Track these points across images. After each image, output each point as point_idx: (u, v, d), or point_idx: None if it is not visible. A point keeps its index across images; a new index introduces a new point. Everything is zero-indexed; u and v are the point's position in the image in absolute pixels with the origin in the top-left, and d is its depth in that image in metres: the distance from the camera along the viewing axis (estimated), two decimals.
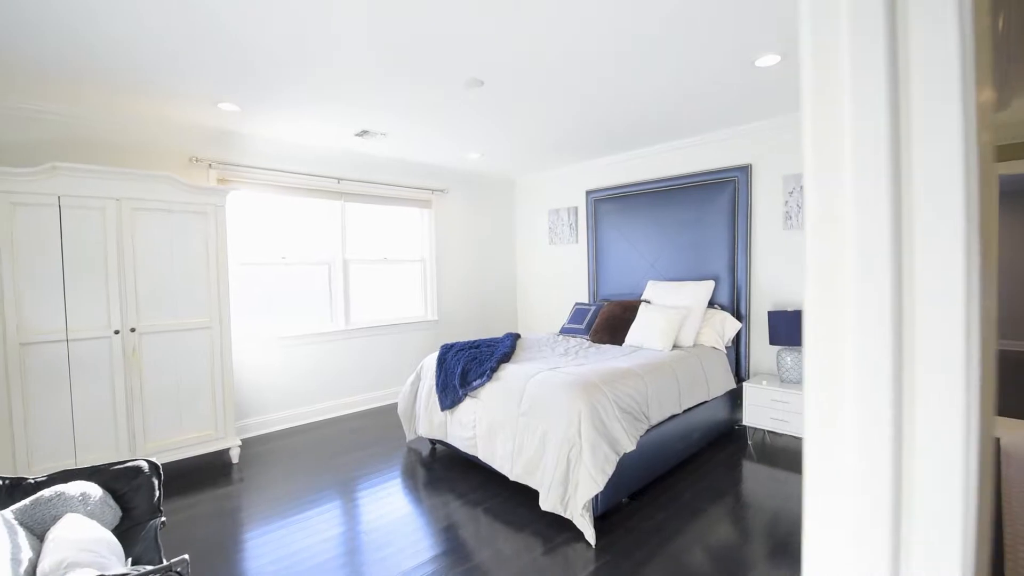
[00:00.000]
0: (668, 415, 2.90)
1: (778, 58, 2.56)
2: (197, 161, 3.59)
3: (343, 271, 4.44)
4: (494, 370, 2.92)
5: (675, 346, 3.58)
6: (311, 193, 4.19)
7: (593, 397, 2.45)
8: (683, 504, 2.63)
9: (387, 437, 3.78)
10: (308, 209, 4.26)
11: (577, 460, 2.33)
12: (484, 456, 2.84)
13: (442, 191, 5.12)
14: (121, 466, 1.76)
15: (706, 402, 3.30)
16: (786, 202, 3.62)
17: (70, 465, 2.75)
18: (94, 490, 1.60)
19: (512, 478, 2.65)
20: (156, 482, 1.78)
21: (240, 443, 3.32)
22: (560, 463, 2.37)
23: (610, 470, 2.30)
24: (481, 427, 2.85)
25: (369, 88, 2.88)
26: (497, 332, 5.75)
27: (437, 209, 5.13)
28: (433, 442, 3.50)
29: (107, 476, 1.71)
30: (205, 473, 3.16)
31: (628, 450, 2.44)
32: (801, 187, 3.53)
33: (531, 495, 2.70)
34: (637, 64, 2.60)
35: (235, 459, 3.32)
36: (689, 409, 3.12)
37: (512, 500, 2.70)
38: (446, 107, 3.22)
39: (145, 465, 1.79)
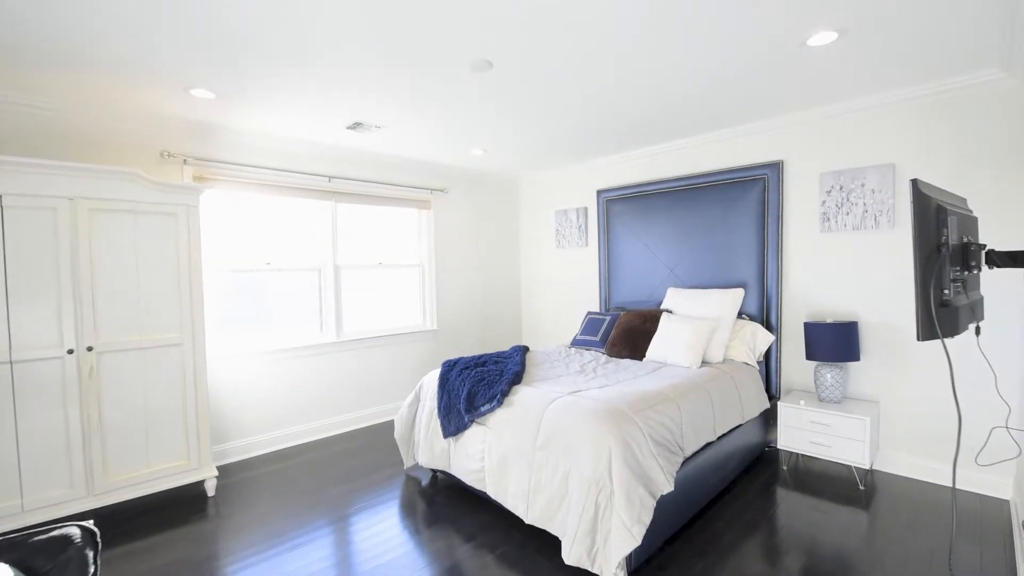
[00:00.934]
0: (703, 444, 2.55)
1: (835, 35, 2.22)
2: (169, 156, 3.22)
3: (334, 277, 4.07)
4: (505, 394, 2.56)
5: (704, 362, 3.24)
6: (299, 192, 3.82)
7: (624, 430, 2.09)
8: (724, 548, 2.28)
9: (382, 462, 3.40)
10: (296, 210, 3.88)
11: (607, 506, 1.98)
12: (495, 493, 2.48)
13: (442, 191, 4.76)
14: (44, 536, 1.38)
15: (740, 426, 2.96)
16: (823, 202, 3.28)
17: (15, 509, 2.37)
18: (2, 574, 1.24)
19: (528, 521, 2.29)
20: (91, 554, 1.41)
21: (217, 473, 2.94)
22: (587, 509, 2.01)
23: (647, 519, 1.95)
24: (491, 459, 2.49)
25: (363, 74, 2.51)
26: (501, 342, 5.39)
27: (436, 210, 4.77)
28: (434, 470, 3.13)
29: (24, 551, 1.34)
30: (176, 509, 2.78)
31: (666, 491, 2.09)
32: (841, 186, 3.20)
33: (550, 540, 2.34)
34: (658, 40, 2.24)
35: (211, 491, 2.94)
36: (723, 435, 2.78)
37: (528, 546, 2.33)
38: (448, 95, 2.86)
39: (76, 533, 1.42)
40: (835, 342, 3.05)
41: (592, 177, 4.73)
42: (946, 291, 1.34)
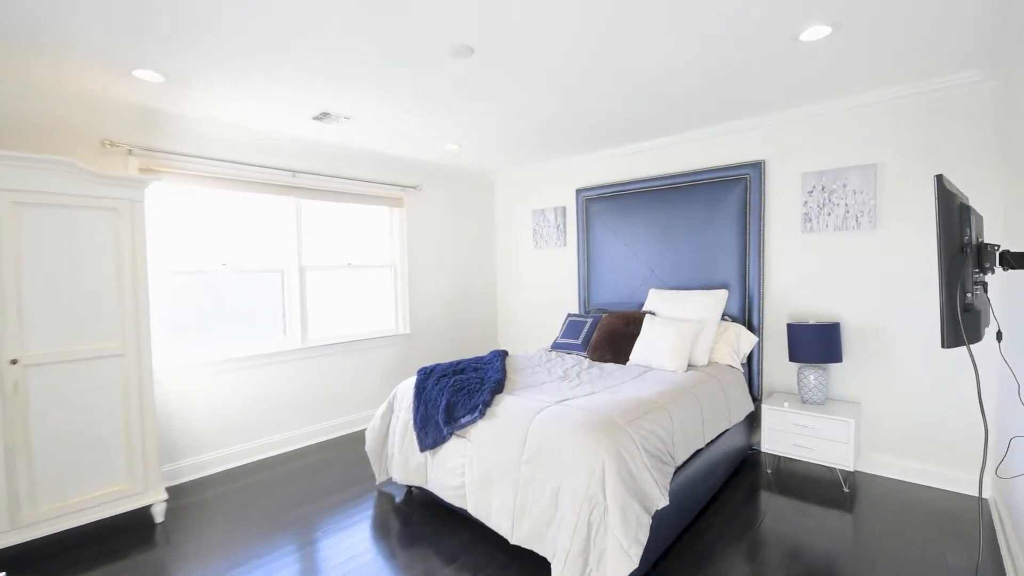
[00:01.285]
0: (692, 451, 2.45)
1: (828, 30, 2.15)
2: (112, 145, 2.90)
3: (299, 279, 3.80)
4: (487, 404, 2.39)
5: (689, 365, 3.15)
6: (260, 187, 3.54)
7: (618, 442, 1.96)
8: (719, 565, 2.18)
9: (352, 477, 3.17)
10: (256, 207, 3.60)
11: (601, 525, 1.84)
12: (476, 511, 2.31)
13: (414, 188, 4.55)
14: None
15: (727, 430, 2.88)
16: (805, 202, 3.25)
17: None
18: None
19: (513, 541, 2.13)
20: None
21: (166, 497, 2.66)
22: (579, 529, 1.87)
23: (644, 537, 1.82)
24: (472, 475, 2.32)
25: (330, 58, 2.30)
26: (477, 346, 5.21)
27: (409, 208, 4.55)
28: (410, 486, 2.93)
29: None
30: (118, 540, 2.49)
31: (661, 506, 1.97)
32: (823, 186, 3.18)
33: (537, 561, 2.19)
34: (645, 29, 2.13)
35: (159, 517, 2.66)
36: (711, 441, 2.69)
37: (514, 567, 2.17)
38: (423, 84, 2.67)
39: None
40: (818, 343, 3.01)
41: (571, 175, 4.62)
42: (968, 294, 1.26)
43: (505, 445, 2.21)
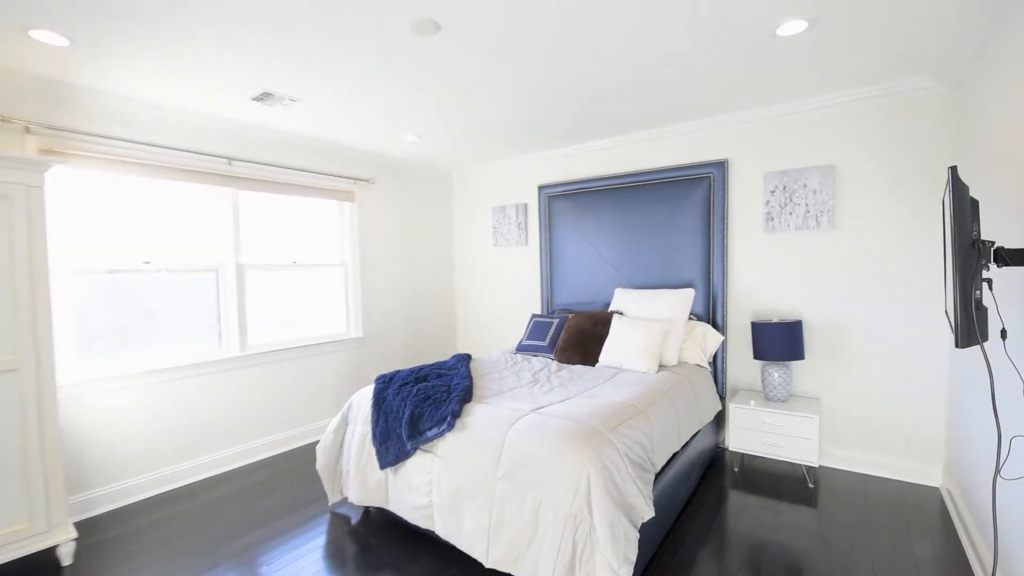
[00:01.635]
0: (670, 455, 2.37)
1: (804, 24, 2.12)
2: (4, 121, 2.45)
3: (236, 279, 3.43)
4: (456, 415, 2.19)
5: (660, 365, 3.09)
6: (190, 176, 3.14)
7: (603, 453, 1.83)
8: (700, 570, 2.10)
9: (301, 498, 2.87)
10: (187, 198, 3.20)
11: (587, 544, 1.70)
12: (446, 532, 2.10)
13: (367, 181, 4.25)
14: None
15: (699, 431, 2.84)
16: (767, 202, 3.28)
17: None
18: None
19: (488, 564, 1.95)
20: None
21: (75, 534, 2.26)
22: (563, 550, 1.71)
23: (634, 555, 1.69)
24: (441, 493, 2.11)
25: (274, 28, 2.02)
26: (434, 350, 4.97)
27: (361, 203, 4.25)
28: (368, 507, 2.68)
29: None
30: None
31: (647, 518, 1.86)
32: (784, 186, 3.21)
33: None
34: (621, 17, 2.02)
35: (67, 559, 2.26)
36: (686, 444, 2.63)
37: None
38: (381, 64, 2.43)
39: None
40: (782, 341, 3.04)
41: (533, 172, 4.48)
42: (977, 291, 1.22)
43: (478, 459, 2.03)
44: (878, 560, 2.15)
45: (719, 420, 3.42)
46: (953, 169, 1.17)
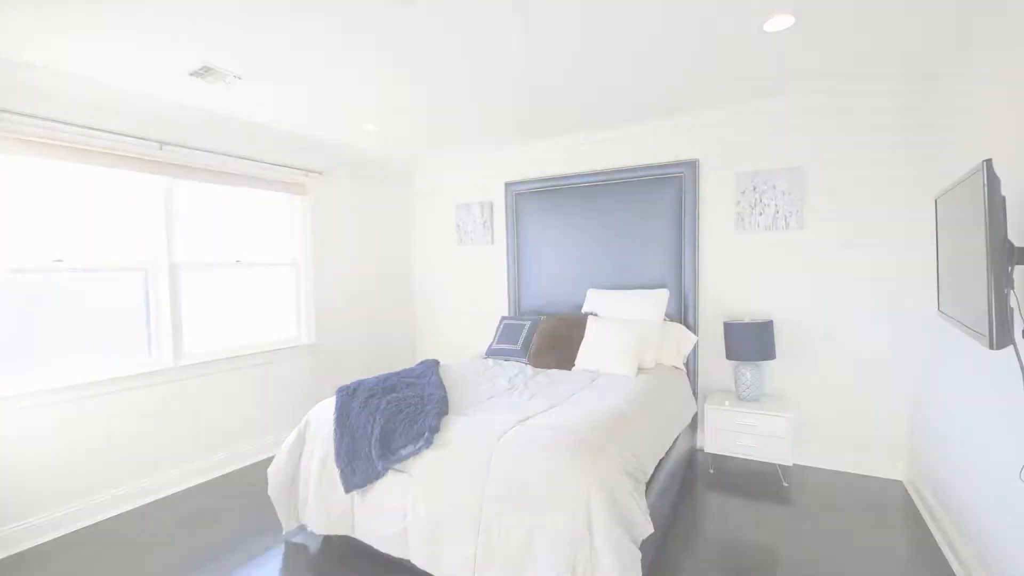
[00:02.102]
0: (656, 463, 2.27)
1: (791, 20, 2.08)
2: None
3: (169, 280, 3.02)
4: (435, 429, 1.98)
5: (638, 368, 3.00)
6: (114, 161, 2.73)
7: (602, 468, 1.68)
8: None
9: (250, 526, 2.55)
10: (108, 187, 2.78)
11: (588, 567, 1.55)
12: (423, 561, 1.88)
13: (320, 173, 3.92)
14: None
15: (679, 435, 2.77)
16: (738, 202, 3.28)
17: None
18: None
19: None
20: None
21: None
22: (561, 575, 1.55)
23: (637, 575, 1.56)
24: (418, 518, 1.89)
25: None
26: (394, 356, 4.68)
27: (315, 197, 3.91)
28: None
29: None
30: None
31: (647, 535, 1.73)
32: (755, 187, 3.22)
33: None
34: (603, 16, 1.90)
35: None
36: (669, 449, 2.54)
37: None
38: (341, 39, 2.18)
39: None
40: (754, 341, 3.04)
41: (501, 168, 4.31)
42: (1006, 290, 1.17)
43: (461, 479, 1.83)
44: (856, 553, 2.16)
45: (694, 422, 3.39)
46: (988, 162, 1.11)
